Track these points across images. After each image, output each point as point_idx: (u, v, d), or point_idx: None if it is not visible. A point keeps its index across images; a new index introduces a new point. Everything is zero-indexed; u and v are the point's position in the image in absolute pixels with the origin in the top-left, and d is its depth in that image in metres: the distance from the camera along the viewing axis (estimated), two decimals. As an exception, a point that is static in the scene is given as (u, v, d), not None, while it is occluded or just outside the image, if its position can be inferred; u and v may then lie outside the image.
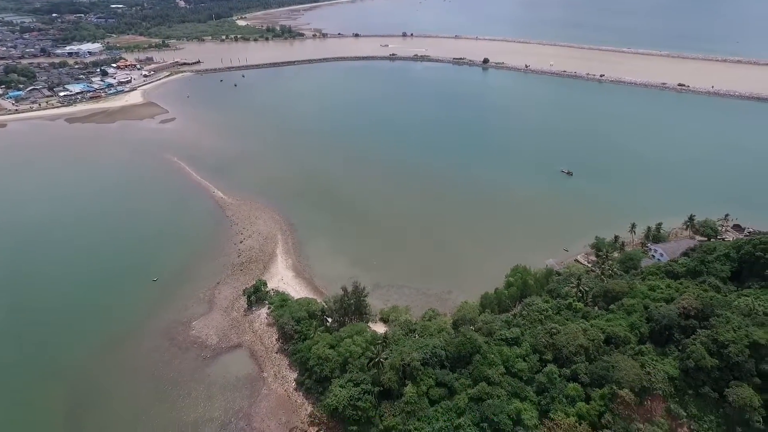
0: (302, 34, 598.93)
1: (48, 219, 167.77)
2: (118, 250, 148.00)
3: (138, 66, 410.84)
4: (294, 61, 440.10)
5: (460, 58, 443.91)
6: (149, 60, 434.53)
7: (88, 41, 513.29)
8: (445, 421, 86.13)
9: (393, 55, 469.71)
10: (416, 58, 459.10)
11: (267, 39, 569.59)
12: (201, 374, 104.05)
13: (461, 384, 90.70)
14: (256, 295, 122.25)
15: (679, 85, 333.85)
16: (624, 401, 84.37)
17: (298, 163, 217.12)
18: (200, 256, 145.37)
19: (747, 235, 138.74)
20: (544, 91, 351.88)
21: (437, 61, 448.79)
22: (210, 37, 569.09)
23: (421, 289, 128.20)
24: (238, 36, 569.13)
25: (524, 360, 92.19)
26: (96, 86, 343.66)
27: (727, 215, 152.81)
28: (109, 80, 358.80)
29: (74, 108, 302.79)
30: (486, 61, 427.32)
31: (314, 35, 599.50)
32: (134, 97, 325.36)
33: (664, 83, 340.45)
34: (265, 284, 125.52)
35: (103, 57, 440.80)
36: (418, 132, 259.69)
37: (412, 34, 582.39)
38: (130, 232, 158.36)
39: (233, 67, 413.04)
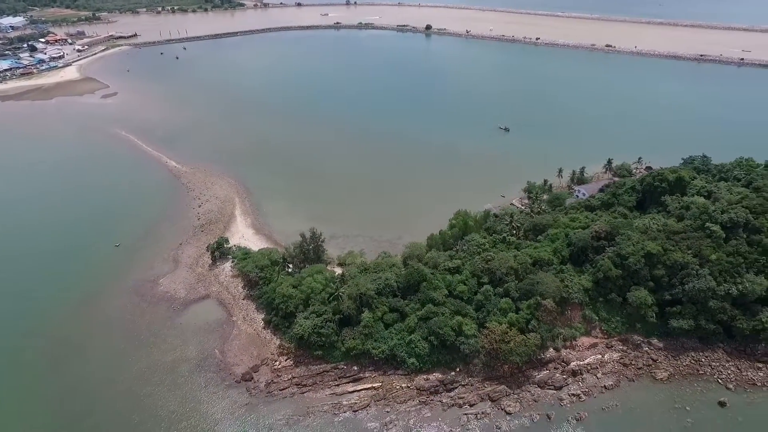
0: (243, 4, 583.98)
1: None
2: (74, 222, 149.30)
3: (69, 41, 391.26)
4: (237, 32, 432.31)
5: (404, 26, 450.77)
6: (81, 34, 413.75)
7: (7, 14, 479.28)
8: (398, 339, 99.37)
9: (338, 23, 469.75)
10: (361, 26, 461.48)
11: (206, 10, 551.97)
12: (173, 323, 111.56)
13: (411, 308, 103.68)
14: (220, 250, 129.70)
15: (607, 46, 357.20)
16: (547, 309, 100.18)
17: (249, 131, 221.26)
18: (160, 222, 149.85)
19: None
20: (484, 55, 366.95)
21: (382, 28, 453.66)
22: (145, 9, 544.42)
23: (373, 237, 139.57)
24: (175, 7, 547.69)
25: (464, 284, 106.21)
26: (26, 62, 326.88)
27: (640, 158, 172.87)
28: (40, 56, 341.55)
29: (4, 86, 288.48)
30: (429, 27, 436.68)
31: (255, 5, 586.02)
32: (70, 73, 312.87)
33: (593, 44, 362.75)
34: (227, 241, 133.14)
35: (28, 32, 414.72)
36: (364, 97, 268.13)
37: (355, 2, 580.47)
38: (85, 205, 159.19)
39: (173, 40, 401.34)
